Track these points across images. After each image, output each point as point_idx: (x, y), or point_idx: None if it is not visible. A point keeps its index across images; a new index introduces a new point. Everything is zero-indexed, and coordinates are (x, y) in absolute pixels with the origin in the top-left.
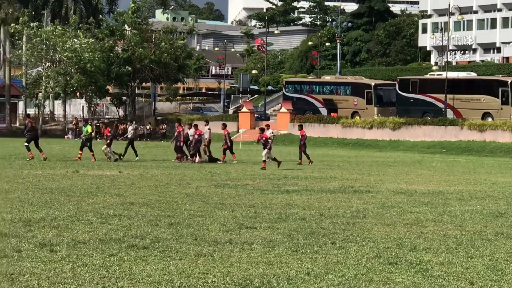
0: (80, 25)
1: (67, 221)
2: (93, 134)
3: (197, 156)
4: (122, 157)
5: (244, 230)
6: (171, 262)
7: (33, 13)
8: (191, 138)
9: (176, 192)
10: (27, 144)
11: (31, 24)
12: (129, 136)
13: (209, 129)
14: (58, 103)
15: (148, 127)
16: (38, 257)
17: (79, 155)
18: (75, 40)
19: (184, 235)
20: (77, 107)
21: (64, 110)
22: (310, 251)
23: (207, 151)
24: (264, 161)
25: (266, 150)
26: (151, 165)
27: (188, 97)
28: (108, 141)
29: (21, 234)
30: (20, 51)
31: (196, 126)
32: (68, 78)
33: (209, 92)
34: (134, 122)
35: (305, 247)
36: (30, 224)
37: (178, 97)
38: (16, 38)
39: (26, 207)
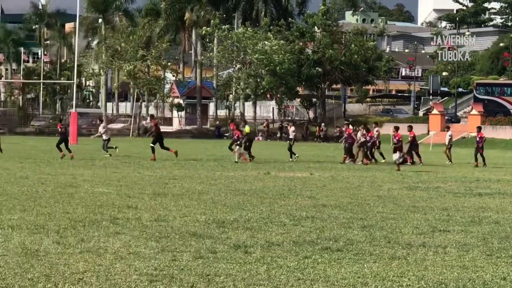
0: (271, 27)
1: (260, 223)
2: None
3: (356, 158)
4: (295, 158)
5: (437, 233)
6: (365, 265)
7: (224, 15)
8: (361, 139)
9: (368, 195)
10: (152, 145)
11: (223, 27)
12: (291, 137)
13: (377, 131)
14: (248, 104)
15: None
16: (233, 258)
17: (251, 158)
18: (266, 42)
19: (377, 238)
20: (267, 109)
21: (255, 112)
22: (505, 255)
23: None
24: (398, 164)
25: (398, 152)
26: (342, 167)
27: (378, 99)
28: (240, 141)
29: (215, 235)
30: (211, 53)
31: (368, 129)
32: (258, 79)
33: (399, 94)
34: (292, 123)
35: (500, 251)
36: (224, 226)
37: (368, 99)
38: (207, 40)
39: (219, 208)
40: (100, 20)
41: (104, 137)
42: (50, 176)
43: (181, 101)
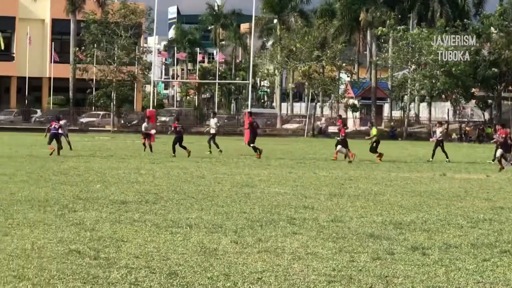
0: (447, 28)
1: (437, 225)
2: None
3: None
4: (431, 160)
5: None
6: None
7: (399, 16)
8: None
9: None
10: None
11: (398, 27)
12: (438, 138)
13: None
14: (423, 105)
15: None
16: (411, 260)
17: (380, 157)
18: (441, 43)
19: None
20: (442, 110)
21: (430, 113)
22: None
23: None
24: (500, 161)
25: (500, 150)
26: None
27: None
28: (343, 139)
29: (392, 236)
30: (386, 54)
31: None
32: (433, 81)
33: None
34: (442, 123)
35: None
36: (401, 227)
37: None
38: (382, 41)
39: (395, 209)
40: (275, 21)
41: (212, 131)
42: (226, 176)
43: (356, 102)
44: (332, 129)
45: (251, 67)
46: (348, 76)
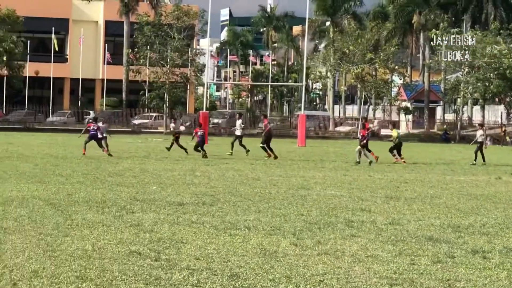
0: (501, 31)
1: (496, 228)
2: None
3: None
4: (482, 163)
5: None
6: None
7: (453, 19)
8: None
9: None
10: (262, 145)
11: (451, 30)
12: (478, 140)
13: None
14: (476, 109)
15: None
16: (472, 263)
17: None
18: (495, 46)
19: None
20: (495, 113)
21: (483, 116)
22: None
23: None
24: None
25: None
26: None
27: None
28: (364, 142)
29: (452, 240)
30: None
31: None
32: (487, 84)
33: None
34: (482, 125)
35: None
36: (459, 230)
37: None
38: (436, 43)
39: (453, 212)
40: (328, 23)
41: (237, 133)
42: (281, 178)
43: (409, 105)
44: (384, 131)
45: (304, 70)
46: (400, 79)
